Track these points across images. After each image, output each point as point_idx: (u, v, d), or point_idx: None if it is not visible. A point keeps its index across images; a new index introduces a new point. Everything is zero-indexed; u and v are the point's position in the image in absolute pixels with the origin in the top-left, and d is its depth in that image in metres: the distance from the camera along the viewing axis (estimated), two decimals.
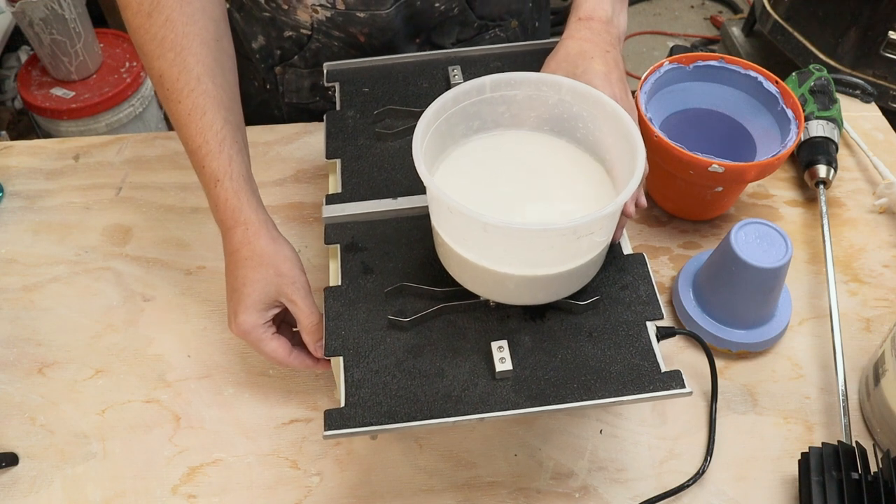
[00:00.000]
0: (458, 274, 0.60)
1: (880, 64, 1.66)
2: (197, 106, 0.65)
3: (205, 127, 0.65)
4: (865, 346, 0.75)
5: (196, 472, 0.68)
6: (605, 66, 0.65)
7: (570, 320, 0.60)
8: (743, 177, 0.76)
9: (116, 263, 0.83)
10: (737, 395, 0.72)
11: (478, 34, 0.92)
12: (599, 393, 0.56)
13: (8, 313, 0.79)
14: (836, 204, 0.88)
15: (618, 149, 0.59)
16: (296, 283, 0.64)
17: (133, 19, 0.66)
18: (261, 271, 0.63)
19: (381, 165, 0.70)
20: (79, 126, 1.73)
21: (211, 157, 0.65)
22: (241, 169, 0.66)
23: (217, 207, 0.65)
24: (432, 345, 0.59)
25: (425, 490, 0.66)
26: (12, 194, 0.90)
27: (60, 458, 0.69)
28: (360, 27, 0.84)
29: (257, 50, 0.92)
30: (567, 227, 0.52)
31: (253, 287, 0.63)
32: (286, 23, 0.88)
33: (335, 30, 0.86)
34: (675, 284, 0.78)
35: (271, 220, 0.67)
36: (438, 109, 0.58)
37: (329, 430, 0.54)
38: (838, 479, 0.61)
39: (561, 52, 0.67)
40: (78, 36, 1.67)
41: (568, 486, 0.66)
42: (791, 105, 0.78)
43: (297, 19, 0.86)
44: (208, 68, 0.66)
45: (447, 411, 0.55)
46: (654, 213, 0.87)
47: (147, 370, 0.74)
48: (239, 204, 0.65)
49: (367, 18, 0.83)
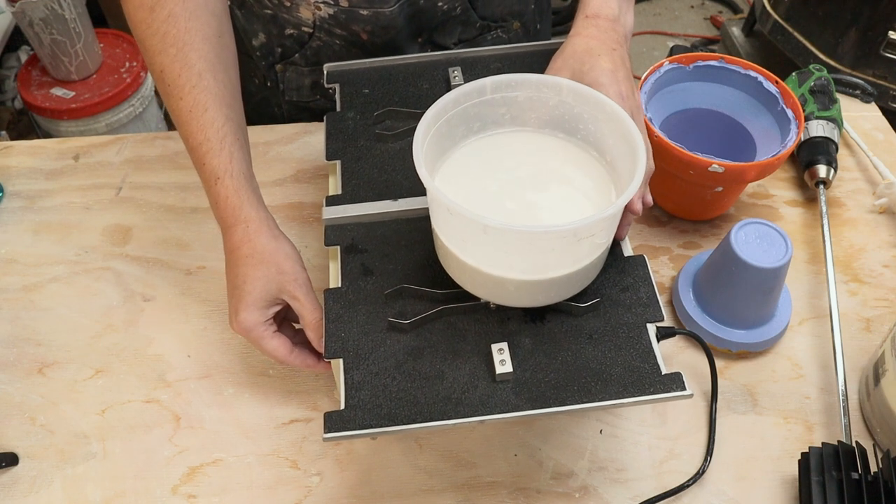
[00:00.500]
0: (458, 276, 0.60)
1: (880, 64, 1.66)
2: (198, 103, 0.65)
3: (206, 124, 0.65)
4: (865, 346, 0.75)
5: (196, 472, 0.68)
6: (611, 64, 0.65)
7: (570, 322, 0.60)
8: (743, 177, 0.76)
9: (116, 263, 0.83)
10: (737, 395, 0.72)
11: (480, 35, 0.92)
12: (600, 395, 0.56)
13: (8, 313, 0.79)
14: (836, 204, 0.88)
15: (619, 150, 0.59)
16: (297, 279, 0.64)
17: (135, 14, 0.66)
18: (262, 269, 0.63)
19: (382, 167, 0.70)
20: (79, 126, 1.73)
21: (212, 155, 0.65)
22: (241, 166, 0.66)
23: (217, 205, 0.65)
24: (432, 347, 0.59)
25: (425, 490, 0.66)
26: (12, 194, 0.90)
27: (60, 458, 0.69)
28: (363, 25, 0.84)
29: (258, 47, 0.92)
30: (568, 230, 0.52)
31: (254, 285, 0.63)
32: (288, 20, 0.88)
33: (337, 27, 0.86)
34: (675, 284, 0.78)
35: (272, 218, 0.67)
36: (439, 111, 0.58)
37: (329, 433, 0.54)
38: (838, 479, 0.61)
39: (567, 49, 0.67)
40: (78, 36, 1.67)
41: (568, 486, 0.66)
42: (791, 105, 0.78)
43: (300, 17, 0.86)
44: (210, 64, 0.66)
45: (447, 413, 0.55)
46: (654, 213, 0.87)
47: (147, 370, 0.74)
48: (239, 202, 0.65)
49: (370, 16, 0.83)
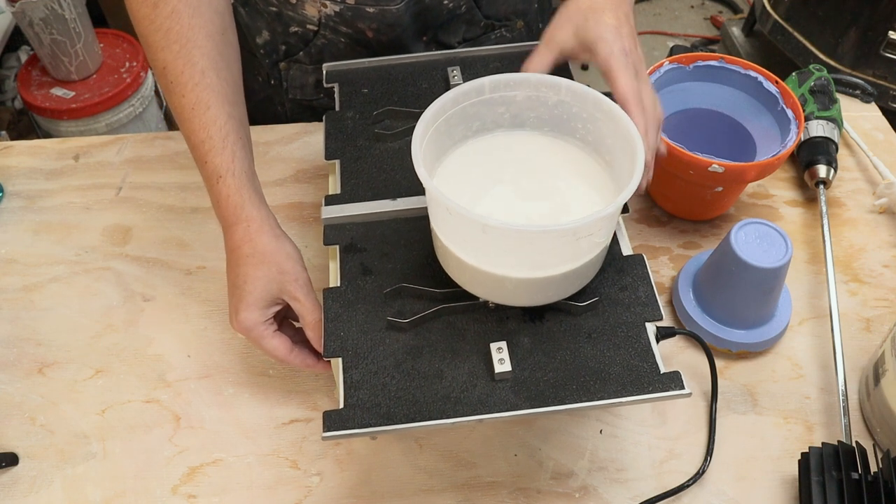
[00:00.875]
0: (457, 275, 0.60)
1: (880, 64, 1.65)
2: (201, 100, 0.65)
3: (208, 122, 0.65)
4: (865, 346, 0.75)
5: (196, 472, 0.68)
6: (615, 20, 0.65)
7: (569, 321, 0.60)
8: (743, 177, 0.76)
9: (116, 263, 0.83)
10: (737, 395, 0.72)
11: (484, 34, 0.92)
12: (599, 394, 0.55)
13: (8, 313, 0.79)
14: (836, 204, 0.88)
15: (617, 149, 0.59)
16: (298, 280, 0.64)
17: (138, 9, 0.66)
18: (262, 269, 0.63)
19: (381, 166, 0.70)
20: (79, 126, 1.73)
21: (214, 153, 0.65)
22: (243, 165, 0.66)
23: (219, 204, 0.65)
24: (431, 346, 0.59)
25: (425, 490, 0.66)
26: (12, 194, 0.90)
27: (60, 458, 0.69)
28: (369, 23, 0.84)
29: (261, 45, 0.92)
30: (567, 229, 0.52)
31: (254, 284, 0.63)
32: (293, 18, 0.88)
33: (343, 25, 0.86)
34: (675, 284, 0.78)
35: (273, 217, 0.67)
36: (438, 110, 0.58)
37: (328, 432, 0.54)
38: (838, 479, 0.61)
39: (572, 6, 0.67)
40: (78, 36, 1.67)
41: (568, 486, 0.66)
42: (791, 105, 0.78)
43: (305, 14, 0.86)
44: (213, 62, 0.66)
45: (446, 413, 0.55)
46: (654, 213, 0.87)
47: (147, 370, 0.74)
48: (241, 200, 0.65)
49: (377, 14, 0.83)
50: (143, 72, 1.79)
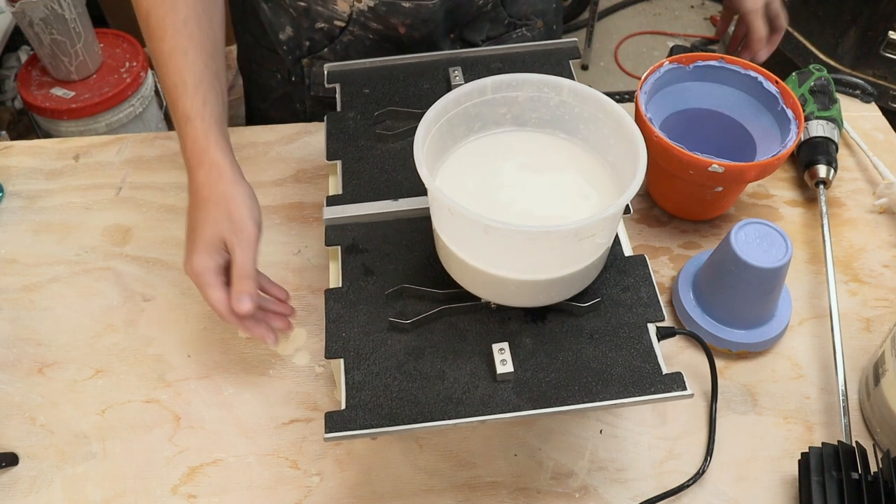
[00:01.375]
0: (459, 276, 0.60)
1: (880, 64, 1.65)
2: (179, 46, 0.65)
3: (184, 67, 0.65)
4: (865, 346, 0.75)
5: (196, 472, 0.68)
6: None
7: (571, 322, 0.60)
8: (743, 177, 0.76)
9: (116, 263, 0.83)
10: (737, 395, 0.72)
11: (506, 32, 0.93)
12: (600, 395, 0.56)
13: (8, 313, 0.79)
14: (836, 204, 0.88)
15: (619, 150, 0.59)
16: (242, 230, 0.63)
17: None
18: (214, 213, 0.63)
19: (382, 167, 0.70)
20: (79, 126, 1.73)
21: (186, 97, 0.65)
22: (214, 111, 0.66)
23: (185, 146, 0.66)
24: (433, 347, 0.59)
25: (425, 490, 0.66)
26: (12, 194, 0.90)
27: (60, 458, 0.69)
28: (403, 18, 0.84)
29: (284, 41, 0.92)
30: (569, 230, 0.52)
31: (204, 229, 0.63)
32: (321, 13, 0.87)
33: (375, 21, 0.85)
34: (675, 284, 0.78)
35: (237, 165, 0.66)
36: (440, 111, 0.58)
37: (330, 433, 0.54)
38: (838, 479, 0.61)
39: None
40: (78, 36, 1.67)
41: (568, 486, 0.66)
42: (791, 105, 0.78)
43: (335, 9, 0.86)
44: (196, 14, 0.67)
45: (448, 413, 0.55)
46: (654, 213, 0.87)
47: (147, 370, 0.74)
48: (206, 144, 0.65)
49: (412, 9, 0.83)
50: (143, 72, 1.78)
